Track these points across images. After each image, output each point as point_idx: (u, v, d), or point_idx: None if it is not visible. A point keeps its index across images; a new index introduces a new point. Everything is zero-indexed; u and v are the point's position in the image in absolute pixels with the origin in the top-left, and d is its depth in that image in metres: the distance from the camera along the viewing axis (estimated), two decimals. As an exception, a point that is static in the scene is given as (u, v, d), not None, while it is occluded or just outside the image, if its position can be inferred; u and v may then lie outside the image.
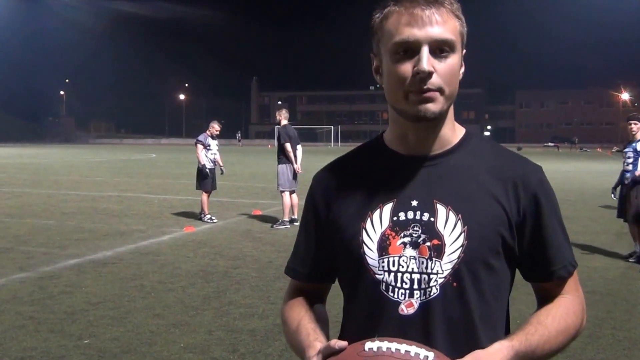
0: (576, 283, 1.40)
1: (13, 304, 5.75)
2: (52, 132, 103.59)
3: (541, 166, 1.41)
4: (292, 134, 10.58)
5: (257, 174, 24.08)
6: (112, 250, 8.33)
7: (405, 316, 1.28)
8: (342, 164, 1.49)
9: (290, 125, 10.85)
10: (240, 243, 8.97)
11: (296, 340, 1.36)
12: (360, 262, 1.34)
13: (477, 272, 1.28)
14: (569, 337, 1.33)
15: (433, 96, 1.25)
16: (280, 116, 10.74)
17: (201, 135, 11.47)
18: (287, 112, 10.89)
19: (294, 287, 1.55)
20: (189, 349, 4.59)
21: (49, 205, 13.31)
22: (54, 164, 31.42)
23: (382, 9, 1.33)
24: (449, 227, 1.28)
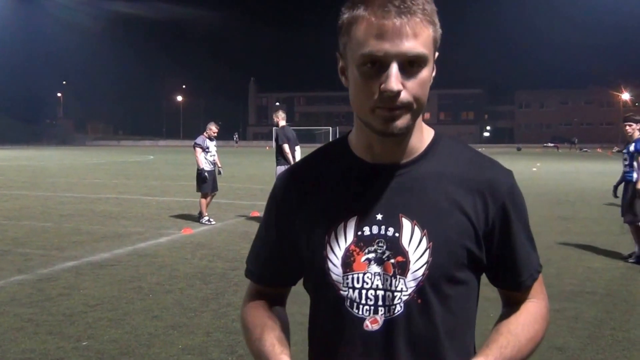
0: (541, 285, 1.40)
1: (11, 306, 5.75)
2: (49, 134, 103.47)
3: (512, 171, 1.39)
4: (291, 135, 10.58)
5: (255, 176, 24.08)
6: (110, 253, 8.32)
7: (369, 332, 1.27)
8: (307, 166, 1.43)
9: (289, 126, 10.85)
10: (238, 245, 8.97)
11: (260, 350, 1.34)
12: (324, 277, 1.33)
13: (442, 287, 1.27)
14: (536, 344, 1.33)
15: (401, 114, 1.21)
16: (277, 118, 10.73)
17: (199, 138, 11.39)
18: (284, 113, 10.89)
19: (254, 290, 1.53)
20: (187, 351, 4.59)
21: (46, 208, 13.30)
22: (51, 166, 31.39)
23: (351, 10, 1.26)
24: (413, 243, 1.26)
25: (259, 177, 22.95)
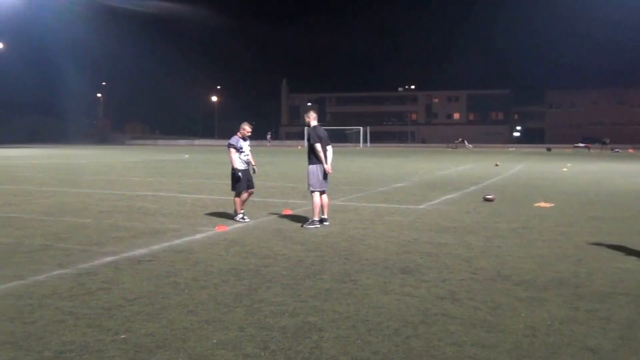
0: None
1: (53, 299, 5.93)
2: (89, 134, 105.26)
3: None
4: (322, 134, 10.64)
5: (287, 174, 24.21)
6: (147, 248, 8.49)
7: None
8: None
9: (320, 126, 10.91)
10: (271, 242, 9.08)
11: None
12: None
13: None
14: None
15: None
16: (309, 118, 10.79)
17: (233, 138, 11.41)
18: (315, 113, 10.93)
19: None
20: (221, 345, 4.69)
21: (86, 204, 13.58)
22: (91, 164, 31.96)
23: None
24: None
25: (291, 176, 23.07)
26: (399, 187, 18.87)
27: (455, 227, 10.66)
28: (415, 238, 9.49)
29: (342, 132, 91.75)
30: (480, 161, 38.59)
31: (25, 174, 23.65)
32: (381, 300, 5.95)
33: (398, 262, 7.75)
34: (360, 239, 9.36)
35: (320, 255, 8.14)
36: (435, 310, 5.65)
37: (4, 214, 11.96)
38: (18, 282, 6.55)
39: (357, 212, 12.49)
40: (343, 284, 6.58)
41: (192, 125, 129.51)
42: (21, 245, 8.64)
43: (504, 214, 12.36)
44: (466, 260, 7.89)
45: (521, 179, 22.71)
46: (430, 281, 6.75)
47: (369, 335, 4.95)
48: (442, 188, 18.36)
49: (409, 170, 28.31)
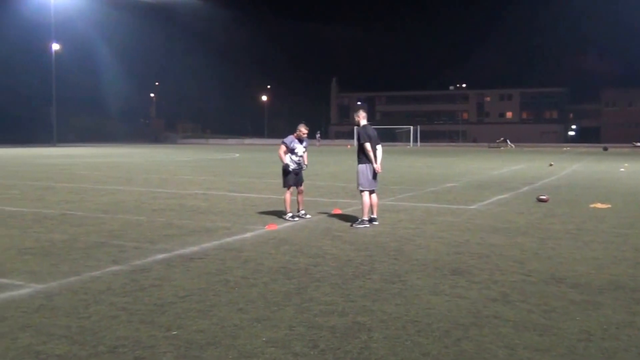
0: None
1: (107, 295, 6.06)
2: (143, 133, 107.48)
3: None
4: (372, 133, 10.60)
5: (337, 174, 24.21)
6: (198, 246, 8.61)
7: None
8: None
9: (370, 125, 10.87)
10: (320, 241, 9.09)
11: None
12: None
13: None
14: None
15: None
16: (358, 117, 10.75)
17: (288, 137, 11.36)
18: (365, 112, 10.88)
19: None
20: (270, 343, 4.72)
21: (140, 202, 13.86)
22: (144, 163, 32.60)
23: None
24: None
25: (341, 175, 23.06)
26: (449, 187, 18.67)
27: (508, 228, 10.49)
28: (467, 239, 9.37)
29: (391, 132, 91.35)
30: (534, 161, 37.87)
31: (82, 173, 24.27)
32: (431, 301, 5.90)
33: (449, 263, 7.66)
34: (410, 239, 9.30)
35: (370, 255, 8.12)
36: (486, 312, 5.57)
37: (61, 211, 12.30)
38: (74, 278, 6.72)
39: (407, 212, 12.41)
40: (392, 284, 6.54)
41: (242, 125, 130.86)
42: (77, 242, 8.86)
43: (558, 215, 12.10)
44: (519, 261, 7.75)
45: (576, 179, 22.20)
46: (482, 282, 6.65)
47: (419, 336, 4.91)
48: (494, 188, 18.09)
49: (460, 169, 27.99)
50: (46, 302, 5.80)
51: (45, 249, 8.32)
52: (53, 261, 7.56)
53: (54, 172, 24.29)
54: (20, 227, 10.28)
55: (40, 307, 5.63)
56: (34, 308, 5.59)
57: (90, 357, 4.42)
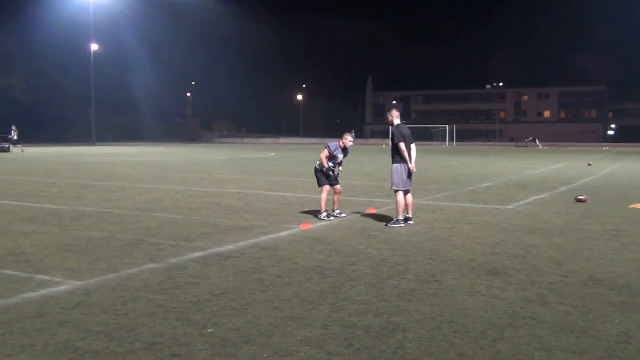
0: None
1: (144, 292, 6.14)
2: (179, 132, 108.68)
3: None
4: (406, 133, 10.54)
5: (372, 173, 24.15)
6: (234, 244, 8.66)
7: None
8: None
9: (404, 124, 10.82)
10: (354, 240, 9.08)
11: None
12: None
13: None
14: None
15: None
16: (392, 116, 10.70)
17: (333, 144, 11.27)
18: (398, 112, 10.83)
19: None
20: (305, 342, 4.72)
21: (176, 201, 14.01)
22: (181, 162, 32.95)
23: None
24: None
25: (376, 174, 23.00)
26: (485, 186, 18.48)
27: (545, 228, 10.35)
28: (503, 239, 9.26)
29: (427, 131, 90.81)
30: (572, 160, 37.28)
31: (120, 171, 24.64)
32: (467, 302, 5.85)
33: (485, 263, 7.59)
34: (446, 239, 9.23)
35: (405, 254, 8.08)
36: (523, 313, 5.50)
37: (99, 209, 12.50)
38: (112, 275, 6.83)
39: (442, 212, 12.32)
40: (428, 284, 6.51)
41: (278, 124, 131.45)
42: (115, 240, 9.00)
43: (596, 216, 11.89)
44: (556, 262, 7.64)
45: (615, 179, 21.78)
46: (518, 283, 6.57)
47: (454, 336, 4.87)
48: (531, 188, 17.85)
49: (496, 169, 27.69)
50: (84, 298, 5.90)
51: (84, 247, 8.47)
52: (91, 258, 7.69)
53: (93, 171, 24.70)
54: (60, 224, 10.48)
55: (79, 303, 5.73)
56: (72, 304, 5.69)
57: (127, 353, 4.48)
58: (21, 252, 8.07)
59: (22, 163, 30.87)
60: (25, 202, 13.71)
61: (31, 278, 6.67)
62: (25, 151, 44.82)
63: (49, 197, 14.70)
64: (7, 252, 8.05)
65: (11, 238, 9.07)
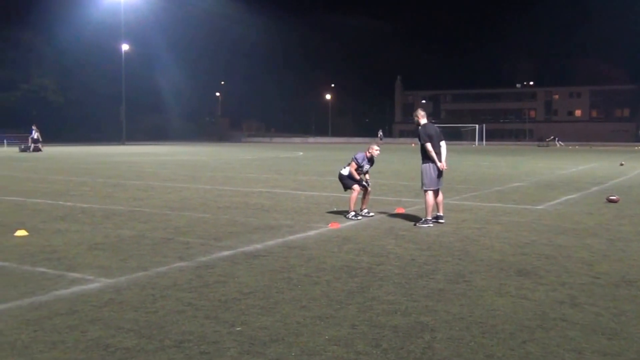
0: None
1: (173, 290, 6.19)
2: (209, 131, 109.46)
3: None
4: (432, 132, 10.50)
5: (400, 173, 24.06)
6: (262, 244, 8.70)
7: None
8: None
9: (432, 123, 10.77)
10: (383, 240, 9.05)
11: None
12: None
13: None
14: None
15: None
16: (417, 116, 10.68)
17: (360, 155, 11.32)
18: (423, 111, 10.80)
19: None
20: (333, 342, 4.72)
21: (205, 200, 14.11)
22: (210, 161, 33.18)
23: None
24: None
25: (404, 174, 22.90)
26: (515, 186, 18.29)
27: (576, 229, 10.21)
28: (533, 239, 9.16)
29: (457, 130, 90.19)
30: (603, 160, 36.73)
31: (150, 170, 24.90)
32: (496, 303, 5.79)
33: (514, 263, 7.51)
34: (475, 239, 9.16)
35: (433, 254, 8.04)
36: (553, 314, 5.44)
37: (129, 208, 12.65)
38: (142, 273, 6.90)
39: (471, 212, 12.23)
40: (456, 285, 6.46)
41: (306, 124, 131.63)
42: (145, 238, 9.09)
43: (628, 216, 11.70)
44: (587, 263, 7.53)
45: (649, 179, 21.40)
46: (549, 284, 6.49)
47: (483, 337, 4.83)
48: (562, 188, 17.63)
49: (526, 169, 27.40)
50: (115, 296, 5.97)
51: (115, 245, 8.57)
52: (122, 256, 7.79)
53: (123, 170, 25.00)
54: (91, 222, 10.62)
55: (109, 301, 5.80)
56: (103, 302, 5.77)
57: (157, 350, 4.52)
58: (53, 250, 8.20)
59: (54, 162, 31.37)
60: (57, 200, 13.93)
61: (63, 276, 6.77)
62: (44, 151, 45.32)
63: (81, 196, 14.91)
64: (40, 250, 8.19)
65: (44, 236, 9.22)
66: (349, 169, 11.26)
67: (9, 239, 8.99)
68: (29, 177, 21.15)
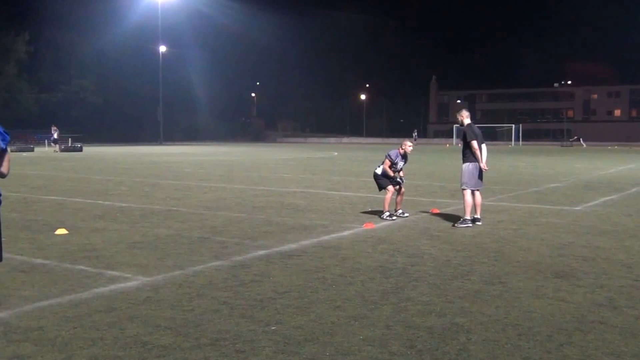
0: None
1: (209, 289, 6.26)
2: (244, 132, 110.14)
3: None
4: (478, 132, 10.52)
5: (435, 173, 23.90)
6: (297, 243, 8.74)
7: None
8: None
9: (474, 123, 10.75)
10: (418, 241, 9.01)
11: None
12: None
13: None
14: None
15: None
16: (462, 116, 10.66)
17: (393, 152, 11.34)
18: (468, 112, 10.80)
19: None
20: (367, 342, 4.72)
21: (241, 200, 14.21)
22: (245, 161, 33.39)
23: None
24: None
25: (439, 175, 22.75)
26: (553, 187, 18.04)
27: (615, 230, 10.03)
28: (571, 241, 9.03)
29: (493, 130, 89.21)
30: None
31: (187, 170, 25.16)
32: (533, 305, 5.73)
33: (552, 265, 7.42)
34: (511, 241, 9.06)
35: (469, 255, 7.98)
36: (591, 317, 5.35)
37: (167, 207, 12.81)
38: (178, 272, 6.99)
39: (508, 213, 12.10)
40: (492, 286, 6.41)
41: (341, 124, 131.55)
42: (181, 237, 9.20)
43: (671, 218, 11.44)
44: (627, 266, 7.40)
45: (692, 180, 20.90)
46: (587, 287, 6.40)
47: (519, 340, 4.78)
48: (601, 189, 17.33)
49: (564, 169, 26.99)
50: (152, 294, 6.06)
51: (152, 244, 8.69)
52: (159, 255, 7.89)
53: (160, 170, 25.31)
54: (129, 222, 10.79)
55: (147, 299, 5.89)
56: (141, 300, 5.85)
57: (193, 348, 4.58)
58: (93, 248, 8.35)
59: (94, 162, 31.89)
60: (96, 199, 14.18)
61: (102, 273, 6.89)
62: (57, 152, 45.91)
63: (119, 195, 15.15)
64: (80, 248, 8.35)
65: (83, 235, 9.40)
66: (383, 167, 11.24)
67: (50, 237, 9.19)
68: (70, 177, 21.56)
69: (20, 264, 7.33)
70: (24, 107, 76.39)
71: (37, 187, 17.24)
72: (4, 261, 5.11)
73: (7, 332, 4.89)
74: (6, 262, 5.72)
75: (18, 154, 41.48)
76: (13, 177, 11.04)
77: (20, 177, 20.38)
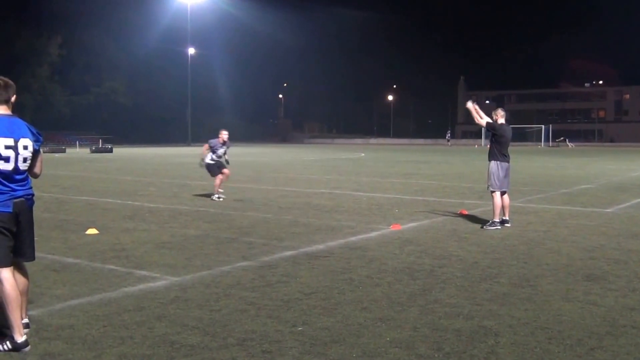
0: None
1: (236, 289, 6.29)
2: (271, 133, 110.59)
3: None
4: (508, 133, 10.66)
5: (464, 174, 23.72)
6: (324, 244, 8.73)
7: None
8: None
9: (507, 125, 10.76)
10: (445, 242, 8.95)
11: None
12: None
13: None
14: None
15: None
16: (497, 116, 10.70)
17: (213, 140, 12.00)
18: (503, 112, 10.86)
19: None
20: (394, 344, 4.70)
21: (268, 200, 14.26)
22: (272, 162, 33.51)
23: None
24: None
25: (468, 176, 22.57)
26: (583, 188, 17.79)
27: (648, 233, 9.86)
28: (602, 244, 8.90)
29: (522, 131, 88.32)
30: (679, 162, 35.31)
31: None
32: (563, 308, 5.65)
33: (582, 268, 7.31)
34: (541, 243, 8.96)
35: (497, 257, 7.90)
36: (623, 321, 5.27)
37: (194, 207, 12.90)
38: (206, 272, 7.03)
39: (537, 214, 11.97)
40: (521, 289, 6.34)
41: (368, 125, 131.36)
42: (209, 238, 9.26)
43: None
44: (660, 269, 7.26)
45: None
46: (618, 290, 6.29)
47: (549, 343, 4.72)
48: (633, 191, 17.05)
49: (595, 171, 26.61)
50: (180, 294, 6.10)
51: (180, 244, 8.76)
52: (187, 255, 7.95)
53: (189, 170, 25.50)
54: (158, 222, 10.88)
55: (175, 298, 5.94)
56: (169, 299, 5.90)
57: (221, 348, 4.60)
58: (122, 248, 8.45)
59: (124, 163, 32.25)
60: (125, 200, 14.34)
61: (131, 273, 6.97)
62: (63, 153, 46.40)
63: (148, 196, 15.30)
64: (110, 247, 8.45)
65: (113, 234, 9.51)
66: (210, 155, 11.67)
67: (81, 237, 9.31)
68: (101, 178, 21.84)
69: (52, 263, 7.44)
70: (56, 109, 77.63)
71: (68, 188, 17.49)
72: (37, 260, 5.19)
73: (39, 330, 4.96)
74: (38, 261, 5.80)
75: (50, 155, 42.13)
76: (45, 177, 11.21)
77: (52, 177, 20.70)
